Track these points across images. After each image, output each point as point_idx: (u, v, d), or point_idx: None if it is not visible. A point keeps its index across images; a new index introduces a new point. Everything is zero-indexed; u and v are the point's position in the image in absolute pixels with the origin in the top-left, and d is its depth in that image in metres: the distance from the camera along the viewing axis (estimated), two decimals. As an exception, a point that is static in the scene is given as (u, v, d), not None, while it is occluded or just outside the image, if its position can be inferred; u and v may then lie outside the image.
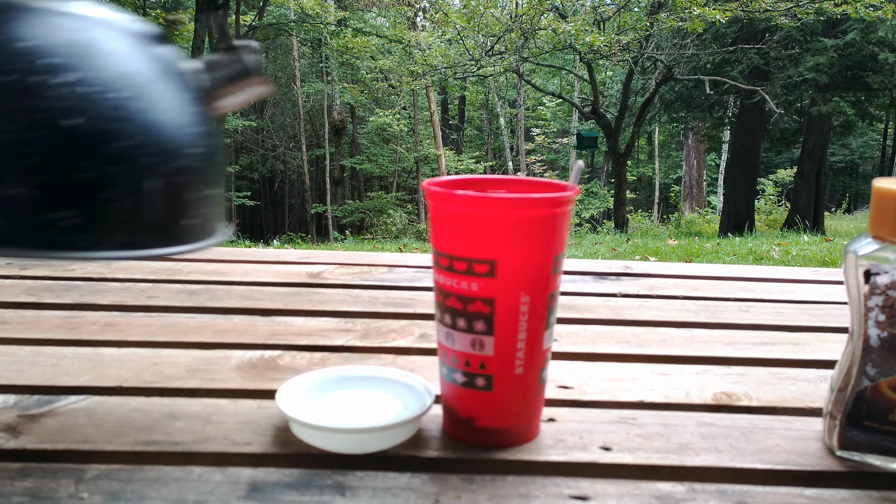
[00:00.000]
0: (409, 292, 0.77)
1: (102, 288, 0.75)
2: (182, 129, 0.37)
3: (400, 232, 9.93)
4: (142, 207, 0.35)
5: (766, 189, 12.25)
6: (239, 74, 0.42)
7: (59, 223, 0.32)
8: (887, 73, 7.53)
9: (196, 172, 0.38)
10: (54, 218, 0.32)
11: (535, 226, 0.40)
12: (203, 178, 0.39)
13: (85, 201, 0.33)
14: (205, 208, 0.39)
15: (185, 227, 0.38)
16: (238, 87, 0.42)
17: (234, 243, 7.47)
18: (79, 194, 0.32)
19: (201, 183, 0.39)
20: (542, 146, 14.03)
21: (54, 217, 0.32)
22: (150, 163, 0.35)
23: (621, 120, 8.96)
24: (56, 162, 0.32)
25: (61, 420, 0.44)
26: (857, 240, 0.41)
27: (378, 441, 0.42)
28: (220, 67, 0.41)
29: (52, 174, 0.32)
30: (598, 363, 0.57)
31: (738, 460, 0.42)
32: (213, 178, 0.41)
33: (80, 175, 0.32)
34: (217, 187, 0.41)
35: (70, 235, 0.32)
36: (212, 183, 0.40)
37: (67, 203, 0.32)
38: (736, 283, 0.84)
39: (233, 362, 0.55)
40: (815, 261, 4.21)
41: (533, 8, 7.72)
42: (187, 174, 0.37)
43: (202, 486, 0.38)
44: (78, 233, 0.33)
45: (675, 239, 5.97)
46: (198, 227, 0.39)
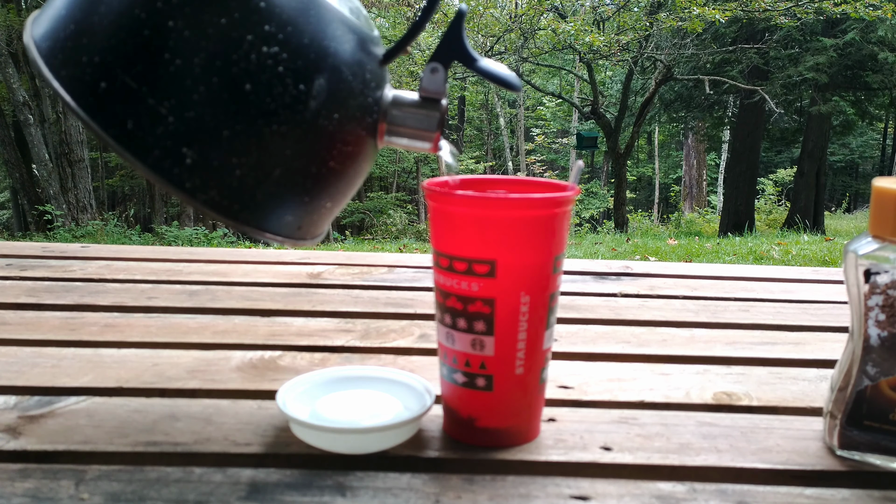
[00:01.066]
0: (409, 292, 0.77)
1: (102, 289, 0.75)
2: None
3: (400, 232, 9.93)
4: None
5: (766, 189, 12.25)
6: (424, 126, 0.41)
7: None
8: (887, 72, 7.53)
9: (337, 184, 0.40)
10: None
11: (535, 226, 0.40)
12: (340, 193, 0.41)
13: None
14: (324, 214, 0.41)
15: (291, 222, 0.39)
16: (413, 132, 0.42)
17: (234, 243, 7.48)
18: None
19: (338, 195, 0.40)
20: (542, 146, 14.03)
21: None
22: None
23: (621, 120, 8.96)
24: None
25: (61, 421, 0.44)
26: (857, 239, 0.41)
27: (378, 441, 0.42)
28: (413, 110, 0.41)
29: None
30: (598, 363, 0.57)
31: (738, 460, 0.42)
32: (344, 194, 0.41)
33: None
34: (336, 203, 0.42)
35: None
36: (341, 197, 0.41)
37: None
38: (736, 283, 0.84)
39: (233, 363, 0.55)
40: (815, 260, 4.21)
41: (532, 8, 7.72)
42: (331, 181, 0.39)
43: (202, 486, 0.38)
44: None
45: (675, 239, 5.97)
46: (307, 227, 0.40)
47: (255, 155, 0.35)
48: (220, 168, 0.35)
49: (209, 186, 0.35)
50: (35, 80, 8.18)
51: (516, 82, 0.40)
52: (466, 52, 0.40)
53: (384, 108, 0.41)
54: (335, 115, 0.38)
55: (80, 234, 7.13)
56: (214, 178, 0.35)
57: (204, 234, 7.71)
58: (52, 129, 8.01)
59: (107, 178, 12.96)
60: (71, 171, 7.76)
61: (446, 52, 0.40)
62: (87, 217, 7.77)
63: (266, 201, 0.37)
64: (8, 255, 0.90)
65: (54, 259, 0.88)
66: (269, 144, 0.36)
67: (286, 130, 0.36)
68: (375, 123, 0.41)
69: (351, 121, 0.39)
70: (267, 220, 0.37)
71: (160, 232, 7.97)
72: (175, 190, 0.34)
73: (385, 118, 0.41)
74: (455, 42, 0.40)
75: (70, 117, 7.73)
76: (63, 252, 0.92)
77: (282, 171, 0.37)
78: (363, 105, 0.39)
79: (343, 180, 0.40)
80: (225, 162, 0.35)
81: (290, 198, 0.38)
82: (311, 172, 0.38)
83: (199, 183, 0.35)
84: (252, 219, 0.37)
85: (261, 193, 0.37)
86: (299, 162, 0.37)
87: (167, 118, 0.34)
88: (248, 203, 0.36)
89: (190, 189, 0.35)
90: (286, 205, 0.38)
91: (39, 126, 7.85)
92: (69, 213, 7.70)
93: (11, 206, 10.70)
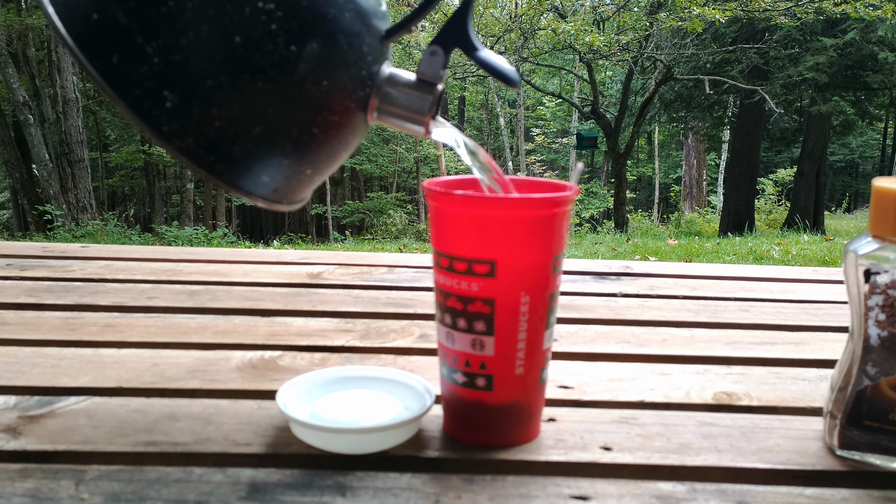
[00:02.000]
0: (409, 292, 0.77)
1: (102, 289, 0.75)
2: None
3: (400, 232, 9.93)
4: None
5: (766, 189, 12.25)
6: (416, 109, 0.41)
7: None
8: (887, 72, 7.53)
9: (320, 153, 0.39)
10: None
11: (535, 226, 0.40)
12: (320, 163, 0.40)
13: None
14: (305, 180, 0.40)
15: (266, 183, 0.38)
16: (404, 114, 0.41)
17: (234, 243, 7.48)
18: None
19: (317, 164, 0.40)
20: (542, 146, 14.03)
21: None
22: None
23: (621, 120, 8.96)
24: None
25: (62, 421, 0.44)
26: (857, 239, 0.41)
27: (378, 441, 0.42)
28: (407, 91, 0.41)
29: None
30: (598, 363, 0.57)
31: (738, 460, 0.42)
32: (326, 164, 0.41)
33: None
34: (317, 172, 0.41)
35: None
36: (323, 166, 0.40)
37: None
38: (736, 283, 0.84)
39: (233, 363, 0.55)
40: (815, 260, 4.21)
41: (532, 8, 7.72)
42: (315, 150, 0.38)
43: (203, 486, 0.38)
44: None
45: (675, 239, 5.97)
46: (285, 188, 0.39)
47: (236, 109, 0.35)
48: (199, 117, 0.35)
49: (186, 133, 0.35)
50: (35, 80, 8.19)
51: (515, 77, 0.40)
52: (468, 40, 0.39)
53: (378, 83, 0.40)
54: (324, 81, 0.37)
55: (80, 234, 7.13)
56: (192, 125, 0.35)
57: (204, 234, 7.71)
58: (52, 129, 8.01)
59: (107, 178, 12.96)
60: (71, 171, 7.76)
61: (448, 36, 0.39)
62: (87, 217, 7.77)
63: (243, 158, 0.36)
64: (8, 255, 0.90)
65: (54, 259, 0.88)
66: (251, 101, 0.35)
67: (271, 89, 0.35)
68: (367, 98, 0.40)
69: (340, 91, 0.38)
70: (242, 176, 0.37)
71: (160, 232, 7.97)
72: (152, 132, 0.34)
73: (378, 94, 0.40)
74: (459, 27, 0.39)
75: (70, 116, 7.73)
76: (63, 252, 0.92)
77: (262, 129, 0.36)
78: (356, 77, 0.39)
79: (326, 149, 0.40)
80: (205, 111, 0.35)
81: (267, 158, 0.37)
82: (293, 136, 0.37)
83: (176, 128, 0.34)
84: (226, 173, 0.36)
85: (238, 149, 0.36)
86: (281, 123, 0.36)
87: (153, 59, 0.33)
88: (223, 156, 0.36)
89: (167, 133, 0.34)
90: (263, 165, 0.37)
91: (39, 126, 7.85)
92: (69, 213, 7.70)
93: (11, 206, 10.71)
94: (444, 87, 0.42)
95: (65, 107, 7.69)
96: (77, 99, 7.89)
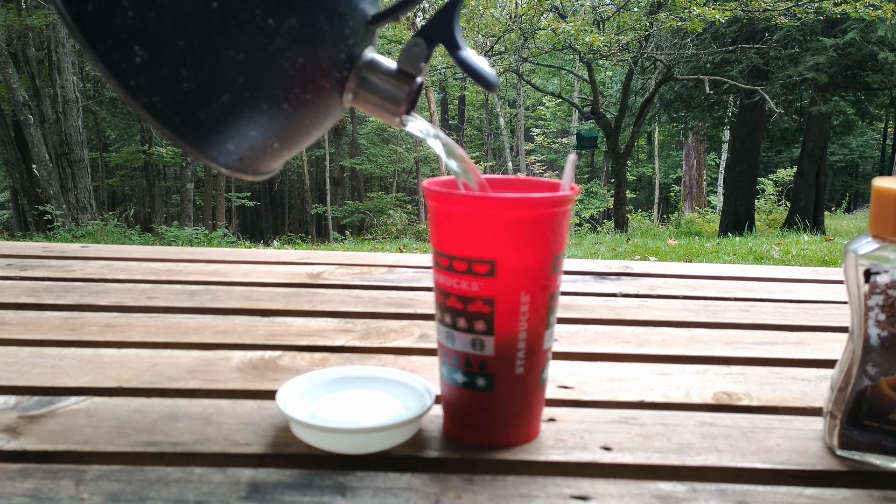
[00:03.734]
0: (409, 292, 0.77)
1: (102, 289, 0.75)
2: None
3: (400, 232, 9.93)
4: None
5: (766, 189, 12.25)
6: (391, 98, 0.40)
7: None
8: (887, 72, 7.53)
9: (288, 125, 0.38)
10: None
11: (535, 225, 0.40)
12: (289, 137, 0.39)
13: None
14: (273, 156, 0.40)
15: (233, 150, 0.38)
16: (378, 101, 0.41)
17: (234, 243, 7.47)
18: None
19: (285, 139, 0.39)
20: (542, 146, 14.03)
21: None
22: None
23: (621, 120, 8.96)
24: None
25: (61, 421, 0.44)
26: (857, 239, 0.41)
27: (378, 441, 0.42)
28: (385, 78, 0.40)
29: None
30: (598, 363, 0.57)
31: (738, 460, 0.42)
32: (295, 139, 0.40)
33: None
34: (285, 146, 0.40)
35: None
36: (291, 141, 0.40)
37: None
38: (736, 283, 0.84)
39: (233, 363, 0.55)
40: (815, 260, 4.21)
41: (532, 8, 7.72)
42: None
43: (203, 486, 0.38)
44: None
45: (675, 239, 5.97)
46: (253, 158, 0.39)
47: (206, 74, 0.35)
48: (167, 76, 0.34)
49: (153, 91, 0.34)
50: (35, 80, 8.18)
51: (493, 80, 0.39)
52: (452, 37, 0.39)
53: (357, 67, 0.40)
54: (299, 59, 0.36)
55: (80, 234, 7.13)
56: (160, 84, 0.34)
57: (204, 234, 7.71)
58: (52, 129, 8.01)
59: (107, 178, 12.96)
60: (71, 171, 7.76)
61: (433, 29, 0.39)
62: (87, 217, 7.77)
63: (209, 123, 0.36)
64: (8, 255, 0.90)
65: (54, 259, 0.88)
66: (221, 67, 0.35)
67: (243, 59, 0.35)
68: (344, 80, 0.40)
69: (315, 70, 0.38)
70: (206, 142, 0.37)
71: (160, 232, 7.98)
72: (118, 86, 0.34)
73: (356, 78, 0.40)
74: (444, 23, 0.39)
75: (70, 116, 7.73)
76: (63, 252, 0.92)
77: (230, 98, 0.36)
78: (333, 58, 0.38)
79: (295, 125, 0.39)
80: (174, 71, 0.34)
81: (234, 127, 0.37)
82: (262, 108, 0.37)
83: (143, 84, 0.34)
84: (191, 136, 0.36)
85: (204, 113, 0.36)
86: (250, 94, 0.36)
87: (127, 11, 0.33)
88: (189, 119, 0.35)
89: (133, 88, 0.34)
90: (229, 133, 0.37)
91: (39, 126, 7.85)
92: (69, 213, 7.70)
93: (11, 206, 10.70)
94: (423, 81, 0.42)
95: (65, 107, 7.70)
96: (77, 99, 7.89)
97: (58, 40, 7.71)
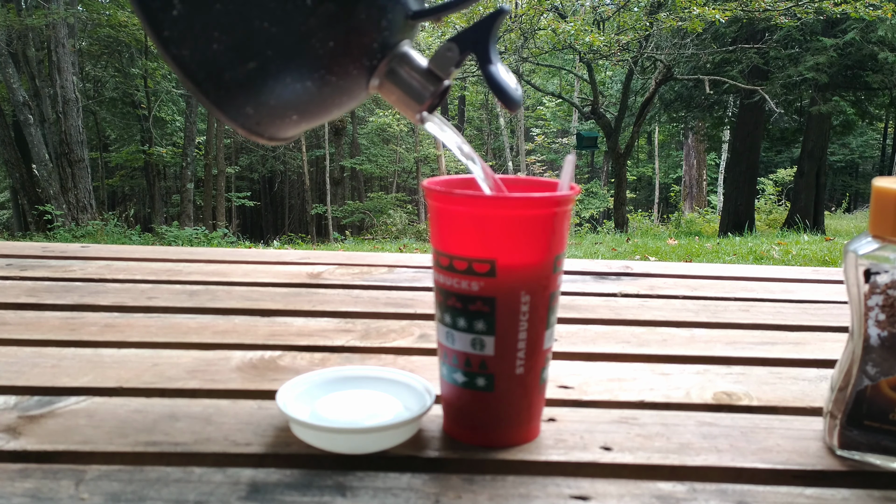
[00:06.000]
0: (409, 292, 0.77)
1: (102, 289, 0.75)
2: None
3: (400, 232, 9.93)
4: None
5: (766, 189, 12.25)
6: (414, 96, 0.41)
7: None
8: (887, 72, 7.52)
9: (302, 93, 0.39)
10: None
11: (536, 225, 0.40)
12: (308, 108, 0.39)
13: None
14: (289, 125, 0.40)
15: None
16: (402, 96, 0.41)
17: (234, 244, 7.47)
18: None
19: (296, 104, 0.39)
20: (542, 146, 14.04)
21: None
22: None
23: (621, 120, 8.96)
24: None
25: (61, 421, 0.44)
26: (857, 239, 0.41)
27: (378, 441, 0.42)
28: (412, 75, 0.41)
29: None
30: (598, 363, 0.57)
31: (738, 460, 0.42)
32: (314, 114, 0.40)
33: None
34: (304, 119, 0.40)
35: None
36: (311, 116, 0.40)
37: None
38: (736, 283, 0.84)
39: (233, 363, 0.55)
40: (815, 260, 4.21)
41: (532, 8, 7.71)
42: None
43: (203, 486, 0.38)
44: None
45: (675, 239, 5.97)
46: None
47: (237, 39, 0.35)
48: (200, 34, 0.35)
49: (184, 44, 0.35)
50: (35, 80, 8.19)
51: (518, 99, 0.39)
52: (486, 49, 0.39)
53: (389, 58, 0.40)
54: (330, 42, 0.37)
55: (80, 234, 7.14)
56: (191, 39, 0.35)
57: (204, 234, 7.71)
58: (52, 129, 8.01)
59: (107, 178, 12.96)
60: (71, 171, 7.77)
61: (468, 39, 0.39)
62: (87, 217, 7.77)
63: (232, 86, 0.36)
64: (8, 255, 0.90)
65: (54, 259, 0.88)
66: (253, 36, 0.35)
67: (274, 32, 0.35)
68: (373, 69, 0.40)
69: (345, 56, 0.38)
70: (227, 102, 0.37)
71: (160, 232, 7.98)
72: (153, 33, 0.34)
73: (385, 68, 0.40)
74: (482, 35, 0.39)
75: (70, 116, 7.72)
76: (63, 252, 0.92)
77: (256, 66, 0.36)
78: (365, 46, 0.38)
79: (316, 102, 0.39)
80: (206, 31, 0.35)
81: (256, 93, 0.37)
82: (286, 81, 0.37)
83: (176, 36, 0.35)
84: (213, 94, 0.36)
85: (229, 75, 0.36)
86: (276, 66, 0.36)
87: None
88: (214, 78, 0.36)
89: (166, 38, 0.35)
90: (251, 97, 0.37)
91: (39, 126, 7.86)
92: (69, 213, 7.70)
93: (11, 206, 10.70)
94: (450, 85, 0.42)
95: (65, 107, 7.70)
96: (77, 99, 7.90)
97: (58, 40, 7.71)
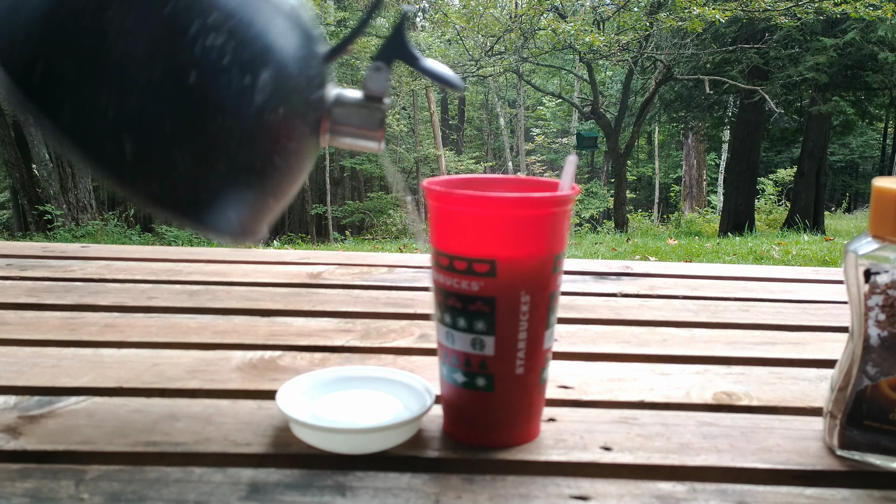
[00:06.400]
0: (409, 292, 0.77)
1: (102, 289, 0.75)
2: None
3: (400, 232, 9.93)
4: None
5: (766, 189, 12.24)
6: (368, 125, 0.41)
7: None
8: (887, 72, 7.52)
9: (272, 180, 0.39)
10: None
11: (536, 225, 0.40)
12: (274, 189, 0.39)
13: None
14: (256, 213, 0.39)
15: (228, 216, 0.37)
16: (357, 132, 0.42)
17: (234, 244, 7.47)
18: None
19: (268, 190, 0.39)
20: (542, 146, 14.04)
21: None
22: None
23: (621, 120, 8.96)
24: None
25: (61, 421, 0.44)
26: (857, 239, 0.41)
27: (378, 441, 0.42)
28: (356, 109, 0.41)
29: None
30: (598, 363, 0.57)
31: (738, 460, 0.42)
32: (286, 192, 0.41)
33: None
34: (278, 201, 0.40)
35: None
36: (283, 195, 0.40)
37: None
38: (736, 283, 0.84)
39: (233, 363, 0.55)
40: (815, 260, 4.21)
41: (532, 8, 7.72)
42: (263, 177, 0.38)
43: (203, 486, 0.38)
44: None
45: (675, 239, 5.97)
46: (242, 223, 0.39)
47: (199, 149, 0.34)
48: (161, 162, 0.34)
49: (150, 180, 0.34)
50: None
51: (458, 83, 0.42)
52: (409, 52, 0.41)
53: (327, 105, 0.41)
54: (280, 109, 0.37)
55: (80, 234, 7.14)
56: (155, 171, 0.34)
57: (204, 234, 7.70)
58: (52, 129, 7.99)
59: (107, 178, 12.93)
60: (71, 171, 7.76)
61: (389, 51, 0.41)
62: (87, 217, 7.77)
63: (209, 197, 0.36)
64: (8, 255, 0.90)
65: (54, 259, 0.88)
66: (213, 139, 0.35)
67: (231, 124, 0.35)
68: (319, 121, 0.40)
69: (296, 116, 0.38)
70: (209, 215, 0.36)
71: (160, 232, 7.98)
72: (115, 182, 0.33)
73: (329, 116, 0.41)
74: (398, 41, 0.41)
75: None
76: (63, 252, 0.92)
77: (226, 166, 0.36)
78: (308, 101, 0.39)
79: (287, 177, 0.40)
80: (167, 155, 0.34)
81: (233, 194, 0.37)
82: (256, 168, 0.37)
83: (138, 176, 0.34)
84: (193, 213, 0.36)
85: (203, 189, 0.35)
86: (244, 157, 0.36)
87: (107, 109, 0.32)
88: (189, 198, 0.35)
89: (130, 182, 0.33)
90: (229, 201, 0.37)
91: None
92: (69, 213, 7.70)
93: (11, 206, 10.70)
94: (391, 102, 0.43)
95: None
96: (77, 99, 7.88)
97: (58, 40, 7.70)
